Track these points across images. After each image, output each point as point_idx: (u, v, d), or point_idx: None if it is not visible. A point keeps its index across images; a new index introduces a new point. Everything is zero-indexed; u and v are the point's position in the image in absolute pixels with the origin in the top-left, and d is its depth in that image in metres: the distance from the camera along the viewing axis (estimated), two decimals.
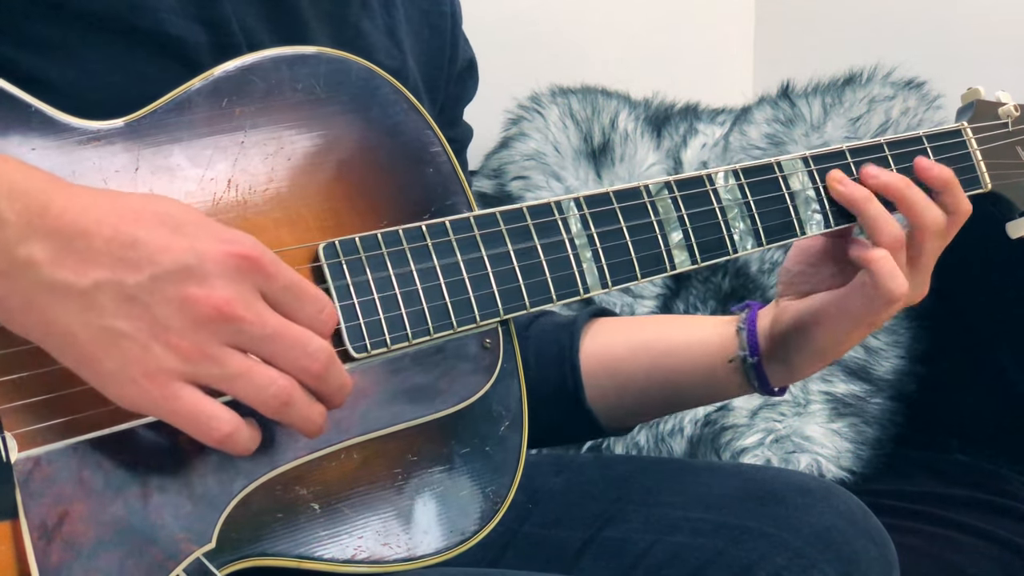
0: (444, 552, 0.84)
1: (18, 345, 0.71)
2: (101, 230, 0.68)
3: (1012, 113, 1.07)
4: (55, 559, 0.71)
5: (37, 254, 0.67)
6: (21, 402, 0.72)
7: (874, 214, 0.96)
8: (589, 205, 0.90)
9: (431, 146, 0.88)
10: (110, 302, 0.68)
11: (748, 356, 1.03)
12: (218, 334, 0.70)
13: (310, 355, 0.72)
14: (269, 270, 0.71)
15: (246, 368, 0.70)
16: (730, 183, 0.96)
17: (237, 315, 0.70)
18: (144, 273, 0.68)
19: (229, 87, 0.81)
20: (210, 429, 0.70)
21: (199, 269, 0.69)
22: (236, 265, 0.70)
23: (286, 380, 0.72)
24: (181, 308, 0.69)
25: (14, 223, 0.67)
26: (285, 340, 0.71)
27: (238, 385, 0.71)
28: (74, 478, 0.72)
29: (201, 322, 0.69)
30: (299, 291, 0.73)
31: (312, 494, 0.80)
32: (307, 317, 0.73)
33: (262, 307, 0.71)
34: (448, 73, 1.07)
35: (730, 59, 2.18)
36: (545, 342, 1.10)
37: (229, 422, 0.71)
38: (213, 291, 0.69)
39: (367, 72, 0.86)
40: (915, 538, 1.43)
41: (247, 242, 0.71)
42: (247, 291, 0.70)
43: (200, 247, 0.69)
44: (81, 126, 0.77)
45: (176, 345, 0.69)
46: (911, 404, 1.69)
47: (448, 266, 0.84)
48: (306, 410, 0.73)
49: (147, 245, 0.69)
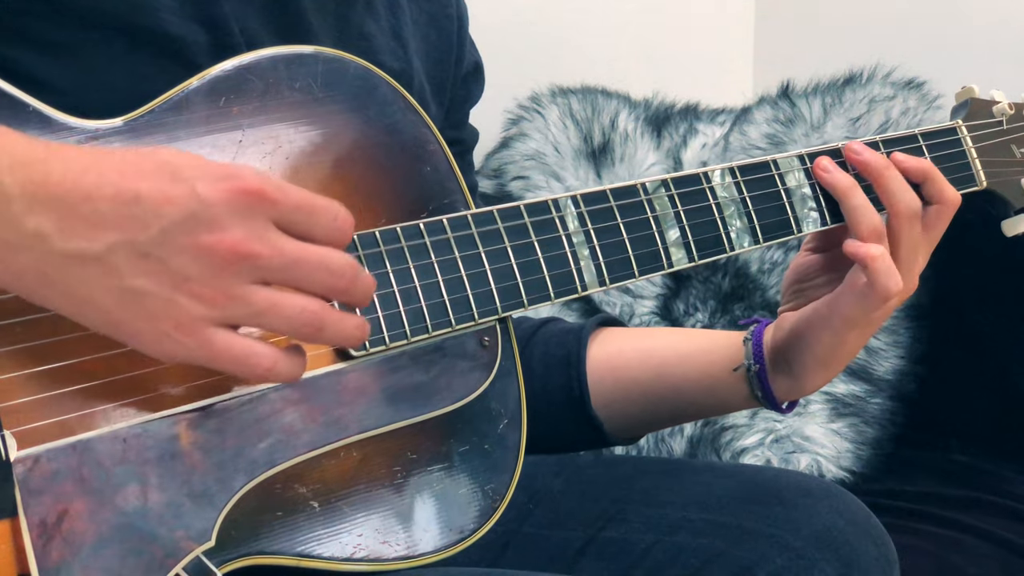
0: (443, 550, 0.84)
1: (17, 343, 0.71)
2: (103, 191, 0.68)
3: (1007, 111, 1.07)
4: (55, 557, 0.71)
5: (45, 225, 0.67)
6: (21, 400, 0.72)
7: (856, 204, 0.96)
8: (586, 203, 0.90)
9: (428, 145, 0.88)
10: (126, 262, 0.68)
11: (752, 365, 1.03)
12: (239, 274, 0.70)
13: (334, 273, 0.72)
14: (274, 197, 0.71)
15: (273, 302, 0.71)
16: (727, 181, 0.96)
17: (253, 252, 0.69)
18: (153, 228, 0.68)
19: (227, 86, 0.81)
20: (254, 366, 0.71)
21: (206, 214, 0.69)
22: (242, 201, 0.70)
23: (315, 303, 0.72)
24: (196, 256, 0.69)
25: (18, 196, 0.67)
26: (307, 264, 0.71)
27: (268, 319, 0.71)
28: (74, 476, 0.72)
29: (219, 266, 0.69)
30: (310, 207, 0.72)
31: (311, 492, 0.80)
32: (324, 230, 0.73)
33: (276, 236, 0.71)
34: (455, 75, 1.08)
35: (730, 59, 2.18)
36: (552, 347, 1.10)
37: (269, 356, 0.71)
38: (224, 233, 0.69)
39: (364, 71, 0.86)
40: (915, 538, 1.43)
41: (247, 174, 0.70)
42: (258, 225, 0.70)
43: (202, 191, 0.69)
44: (79, 125, 0.77)
45: (199, 293, 0.69)
46: (911, 404, 1.69)
47: (446, 264, 0.84)
48: (341, 326, 0.73)
49: (150, 198, 0.68)
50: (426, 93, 1.02)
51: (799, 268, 1.03)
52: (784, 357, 1.02)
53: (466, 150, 1.12)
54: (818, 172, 0.98)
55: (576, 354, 1.09)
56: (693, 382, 1.07)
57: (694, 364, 1.07)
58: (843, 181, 0.97)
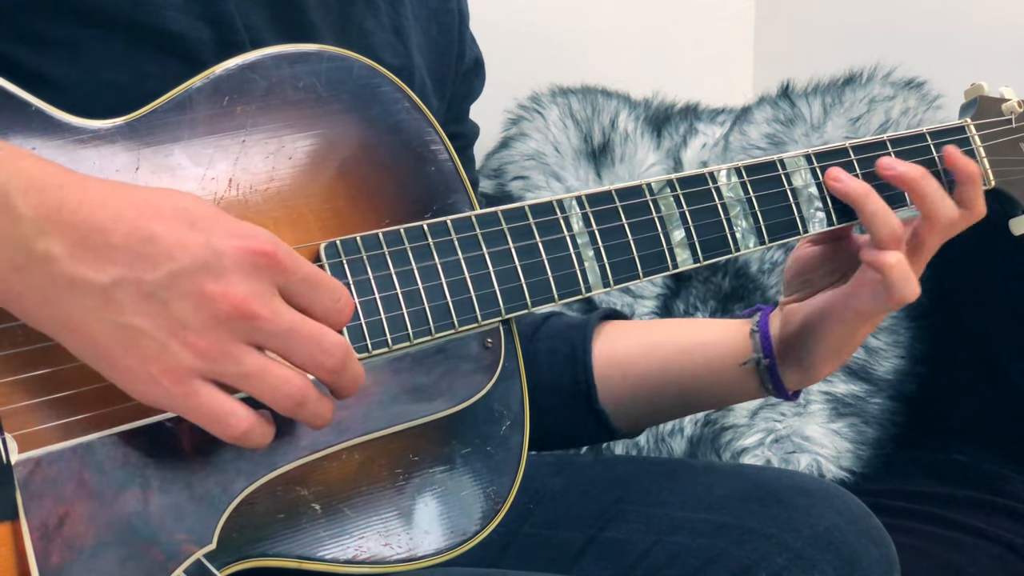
0: (445, 552, 0.84)
1: (19, 346, 0.71)
2: (118, 226, 0.68)
3: (1016, 109, 1.07)
4: (55, 560, 0.71)
5: (55, 249, 0.67)
6: (22, 403, 0.71)
7: (873, 210, 0.96)
8: (591, 203, 0.90)
9: (432, 144, 0.87)
10: (128, 299, 0.68)
11: (762, 358, 1.03)
12: (235, 331, 0.70)
13: (325, 351, 0.72)
14: (286, 264, 0.71)
15: (261, 367, 0.71)
16: (732, 181, 0.96)
17: (253, 312, 0.70)
18: (162, 270, 0.69)
19: (230, 85, 0.81)
20: (227, 426, 0.71)
21: (216, 265, 0.69)
22: (253, 261, 0.70)
23: (301, 379, 0.72)
24: (198, 305, 0.69)
25: (31, 218, 0.67)
26: (301, 336, 0.72)
27: (253, 383, 0.71)
28: (75, 479, 0.72)
29: (218, 319, 0.69)
30: (315, 282, 0.73)
31: (313, 495, 0.80)
32: (323, 308, 0.73)
33: (278, 303, 0.71)
34: (456, 70, 1.08)
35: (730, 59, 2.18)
36: (557, 343, 1.10)
37: (245, 419, 0.71)
38: (230, 288, 0.69)
39: (369, 70, 0.86)
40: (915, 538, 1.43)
41: (263, 236, 0.71)
42: (264, 287, 0.71)
43: (217, 243, 0.69)
44: (81, 125, 0.77)
45: (194, 343, 0.69)
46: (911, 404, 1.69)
47: (450, 265, 0.84)
48: (319, 407, 0.73)
49: (164, 241, 0.69)
50: (427, 89, 1.02)
51: (801, 260, 1.03)
52: (794, 348, 1.02)
53: (467, 145, 1.12)
54: (830, 184, 0.97)
55: (582, 349, 1.09)
56: (700, 376, 1.07)
57: (700, 358, 1.07)
58: (857, 188, 0.97)
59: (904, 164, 0.98)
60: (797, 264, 1.03)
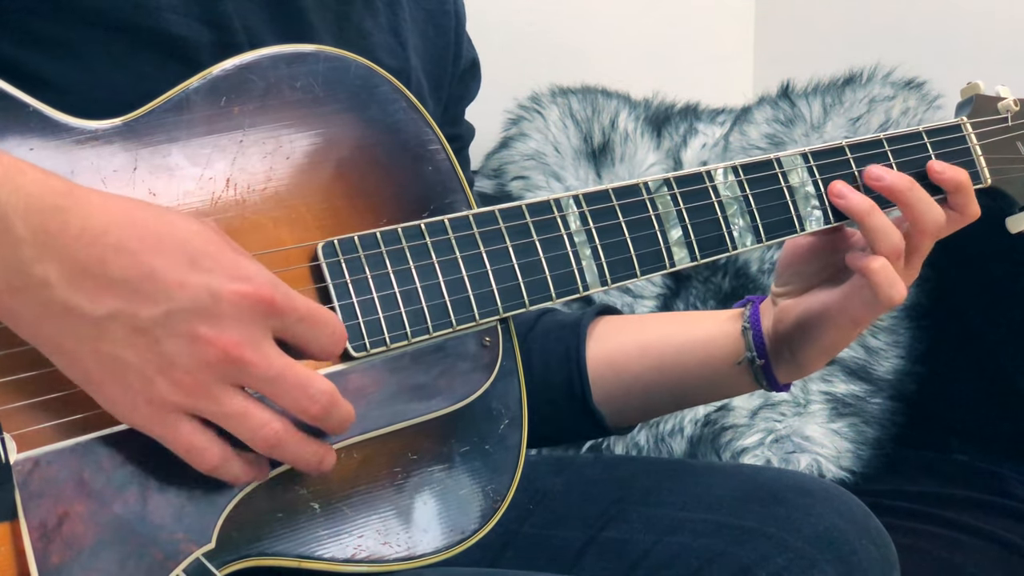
0: (444, 551, 0.84)
1: (18, 346, 0.71)
2: (119, 258, 0.69)
3: (1012, 108, 1.07)
4: (55, 560, 0.71)
5: (52, 275, 0.68)
6: (21, 403, 0.72)
7: (875, 225, 0.96)
8: (588, 202, 0.90)
9: (430, 144, 0.87)
10: (121, 332, 0.69)
11: (755, 357, 1.03)
12: (222, 375, 0.71)
13: (311, 397, 0.73)
14: (283, 308, 0.72)
15: (242, 409, 0.72)
16: (729, 179, 0.96)
17: (244, 358, 0.71)
18: (159, 308, 0.69)
19: (227, 86, 0.81)
20: (201, 460, 0.73)
21: (213, 310, 0.70)
22: (250, 306, 0.71)
23: (279, 424, 0.73)
24: (190, 347, 0.70)
25: (30, 242, 0.67)
26: (287, 383, 0.73)
27: (232, 424, 0.72)
28: (74, 479, 0.72)
29: (207, 362, 0.70)
30: (312, 321, 0.74)
31: (312, 493, 0.80)
32: (320, 346, 0.75)
33: (269, 348, 0.72)
34: (452, 72, 1.08)
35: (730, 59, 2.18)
36: (550, 342, 1.10)
37: (218, 455, 0.73)
38: (223, 333, 0.70)
39: (366, 70, 0.86)
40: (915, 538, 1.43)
41: (263, 280, 0.72)
42: (257, 332, 0.72)
43: (216, 286, 0.70)
44: (79, 126, 0.77)
45: (179, 380, 0.70)
46: (911, 404, 1.69)
47: (447, 264, 0.84)
48: (297, 449, 0.75)
49: (164, 279, 0.70)
50: (423, 90, 1.02)
51: (794, 251, 1.03)
52: (788, 345, 1.03)
53: (463, 146, 1.12)
54: (834, 200, 0.98)
55: (575, 349, 1.09)
56: (694, 375, 1.07)
57: (694, 357, 1.07)
58: (861, 204, 0.97)
59: (892, 174, 0.98)
60: (790, 255, 1.04)
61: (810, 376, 1.63)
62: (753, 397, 1.63)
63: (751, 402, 1.63)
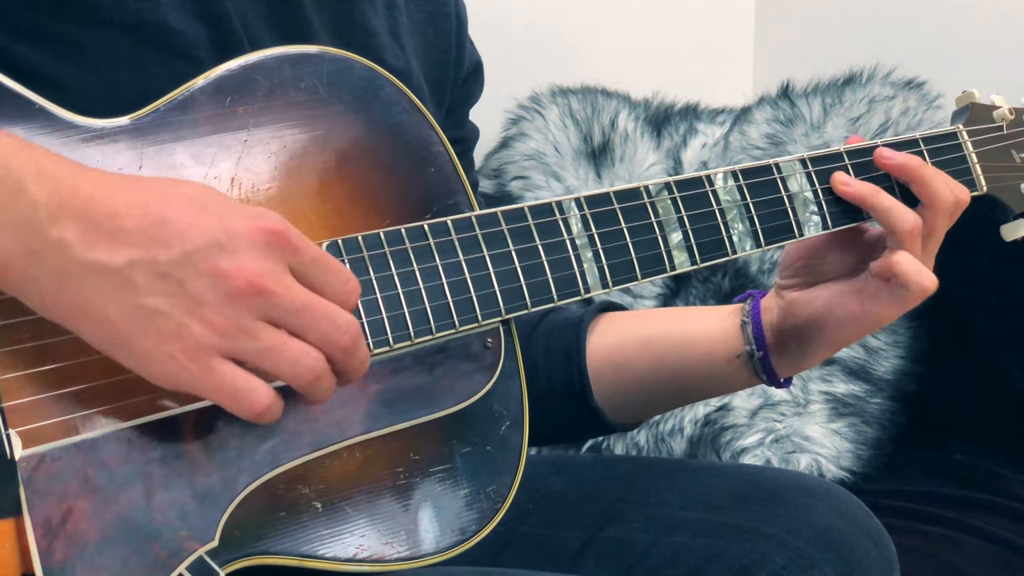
0: (445, 551, 0.84)
1: (24, 343, 0.72)
2: (131, 211, 0.69)
3: (1007, 116, 1.08)
4: (59, 556, 0.71)
5: (69, 234, 0.68)
6: (26, 399, 0.72)
7: (888, 205, 0.96)
8: (590, 205, 0.90)
9: (433, 146, 0.88)
10: (144, 280, 0.69)
11: (755, 351, 1.03)
12: (251, 308, 0.70)
13: (339, 328, 0.73)
14: (296, 244, 0.72)
15: (279, 342, 0.71)
16: (729, 184, 0.96)
17: (268, 288, 0.70)
18: (175, 250, 0.69)
19: (232, 86, 0.81)
20: (251, 403, 0.71)
21: (229, 244, 0.70)
22: (264, 240, 0.71)
23: (318, 353, 0.73)
24: (214, 282, 0.70)
25: (44, 204, 0.68)
26: (315, 313, 0.72)
27: (272, 358, 0.71)
28: (79, 475, 0.72)
29: (234, 296, 0.70)
30: (325, 265, 0.74)
31: (314, 493, 0.80)
32: (333, 290, 0.74)
33: (291, 281, 0.72)
34: (455, 76, 1.08)
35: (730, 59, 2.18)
36: (553, 341, 1.10)
37: (267, 397, 0.72)
38: (244, 265, 0.70)
39: (370, 72, 0.86)
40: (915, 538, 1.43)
41: (273, 217, 0.72)
42: (276, 265, 0.71)
43: (228, 223, 0.70)
44: (85, 124, 0.77)
45: (211, 320, 0.70)
46: (911, 404, 1.69)
47: (450, 265, 0.84)
48: (331, 382, 0.74)
49: (177, 223, 0.70)
50: (424, 93, 1.02)
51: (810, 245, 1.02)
52: (794, 339, 1.02)
53: (468, 148, 1.12)
54: (840, 188, 0.98)
55: (576, 349, 1.09)
56: (694, 371, 1.07)
57: (694, 353, 1.07)
58: (866, 189, 0.97)
59: (902, 154, 0.99)
60: (805, 248, 1.02)
61: (810, 376, 1.63)
62: (753, 397, 1.63)
63: (751, 402, 1.63)
